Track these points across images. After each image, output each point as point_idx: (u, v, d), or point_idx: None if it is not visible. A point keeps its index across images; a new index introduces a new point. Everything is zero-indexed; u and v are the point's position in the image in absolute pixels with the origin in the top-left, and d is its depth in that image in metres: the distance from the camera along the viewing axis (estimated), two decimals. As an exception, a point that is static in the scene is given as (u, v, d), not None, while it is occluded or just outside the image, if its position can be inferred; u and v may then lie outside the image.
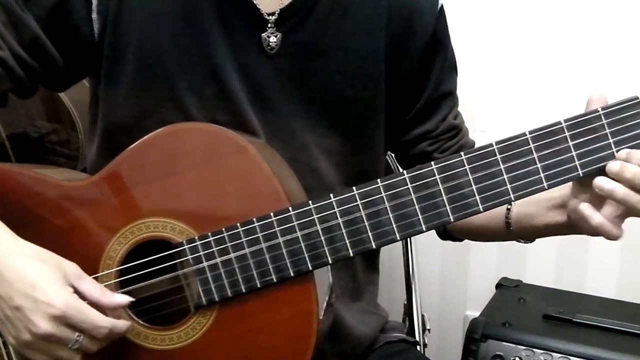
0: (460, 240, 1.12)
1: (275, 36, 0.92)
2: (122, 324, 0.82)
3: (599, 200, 0.80)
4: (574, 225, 0.85)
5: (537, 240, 0.98)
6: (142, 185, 0.85)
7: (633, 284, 1.56)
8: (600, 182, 0.78)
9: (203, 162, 0.84)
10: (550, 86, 1.55)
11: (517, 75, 1.58)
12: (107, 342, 0.81)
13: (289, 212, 0.82)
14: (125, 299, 0.83)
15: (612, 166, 0.77)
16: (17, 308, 0.76)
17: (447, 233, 1.11)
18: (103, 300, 0.80)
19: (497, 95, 1.61)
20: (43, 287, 0.76)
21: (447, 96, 1.04)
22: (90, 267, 0.85)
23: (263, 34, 0.92)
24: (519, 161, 0.79)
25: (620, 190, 0.77)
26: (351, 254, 0.82)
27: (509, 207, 0.95)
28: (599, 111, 0.78)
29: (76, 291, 0.78)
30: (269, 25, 0.92)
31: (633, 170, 0.77)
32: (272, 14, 0.92)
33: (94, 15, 0.90)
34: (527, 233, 0.96)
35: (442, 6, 1.00)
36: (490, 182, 0.79)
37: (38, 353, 0.78)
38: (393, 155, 1.18)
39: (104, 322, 0.79)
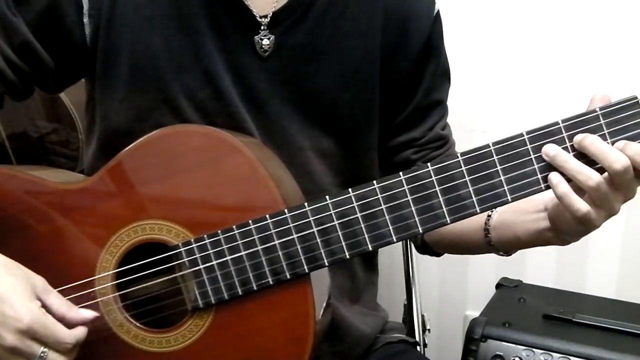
0: (439, 255, 1.08)
1: (268, 39, 0.91)
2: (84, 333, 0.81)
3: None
4: (554, 228, 0.83)
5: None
6: (137, 188, 0.85)
7: (633, 284, 1.55)
8: (547, 148, 0.77)
9: (198, 164, 0.83)
10: (549, 86, 1.54)
11: (516, 75, 1.57)
12: (74, 355, 0.80)
13: (285, 214, 0.81)
14: (90, 314, 0.83)
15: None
16: None
17: (425, 246, 1.07)
18: (69, 315, 0.80)
19: (497, 95, 1.60)
20: (12, 302, 0.75)
21: (437, 105, 1.03)
22: (86, 269, 0.85)
23: (256, 37, 0.91)
24: (516, 162, 0.78)
25: (563, 155, 0.76)
26: (347, 256, 0.81)
27: (490, 214, 0.92)
28: (596, 111, 0.77)
29: (43, 305, 0.78)
30: (262, 27, 0.91)
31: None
32: (265, 16, 0.91)
33: (85, 19, 0.90)
34: (507, 242, 0.91)
35: (438, 11, 0.99)
36: (487, 183, 0.78)
37: None
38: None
39: (68, 337, 0.78)
